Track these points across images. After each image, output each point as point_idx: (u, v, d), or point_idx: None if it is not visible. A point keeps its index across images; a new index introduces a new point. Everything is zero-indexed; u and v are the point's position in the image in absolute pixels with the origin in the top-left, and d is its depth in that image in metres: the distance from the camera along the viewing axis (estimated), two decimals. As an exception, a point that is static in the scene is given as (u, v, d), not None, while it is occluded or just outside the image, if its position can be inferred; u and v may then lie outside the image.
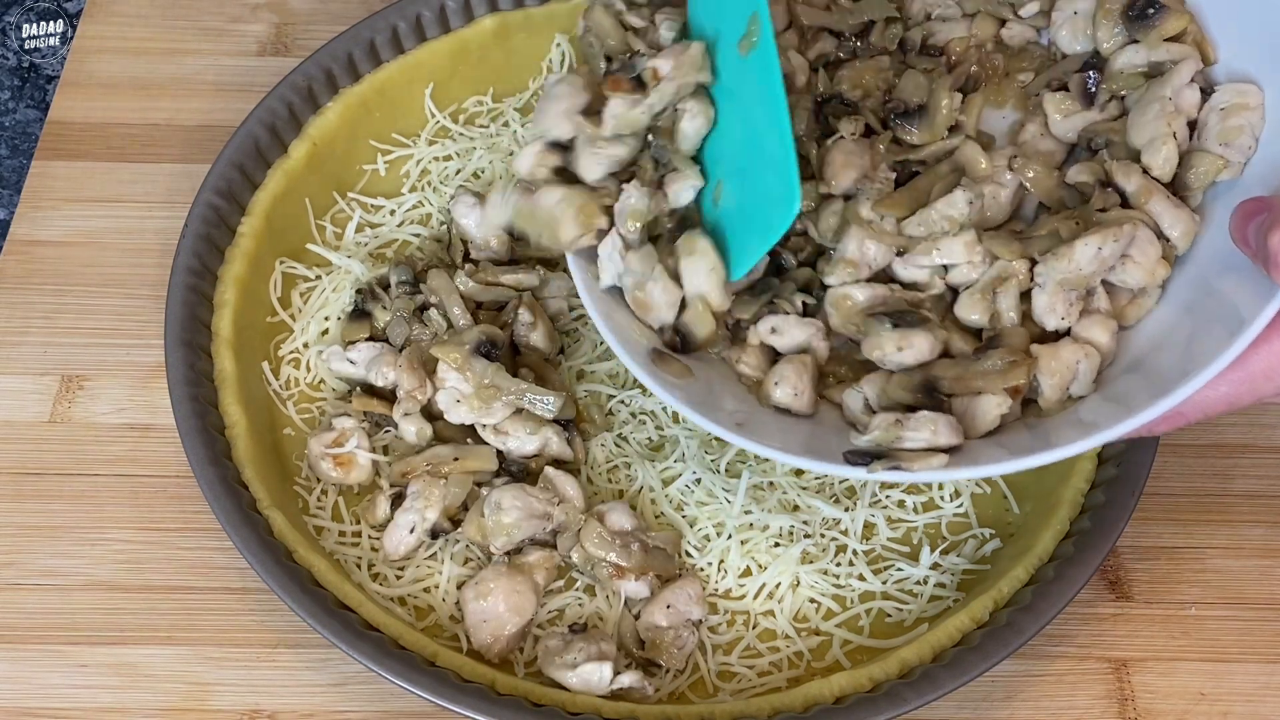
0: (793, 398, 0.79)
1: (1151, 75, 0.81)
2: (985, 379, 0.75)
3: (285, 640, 0.88)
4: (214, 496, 0.85)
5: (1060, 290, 0.76)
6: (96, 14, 1.19)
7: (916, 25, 0.90)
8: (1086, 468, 0.90)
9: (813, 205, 0.82)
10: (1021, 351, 0.76)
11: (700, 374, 0.81)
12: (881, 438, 0.74)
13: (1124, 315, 0.78)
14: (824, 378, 0.81)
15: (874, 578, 0.89)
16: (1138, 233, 0.75)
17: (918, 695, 0.80)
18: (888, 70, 0.87)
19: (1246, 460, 0.98)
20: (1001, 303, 0.78)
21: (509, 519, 0.86)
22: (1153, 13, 0.80)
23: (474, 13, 1.10)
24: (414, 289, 0.97)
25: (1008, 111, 0.87)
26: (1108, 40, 0.83)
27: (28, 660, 0.87)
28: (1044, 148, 0.84)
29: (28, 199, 1.07)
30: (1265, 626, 0.91)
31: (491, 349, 0.91)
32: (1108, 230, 0.75)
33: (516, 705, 0.79)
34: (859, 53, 0.90)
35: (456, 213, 0.99)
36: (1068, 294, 0.76)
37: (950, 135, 0.84)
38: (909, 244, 0.80)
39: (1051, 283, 0.76)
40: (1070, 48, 0.85)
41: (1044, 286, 0.77)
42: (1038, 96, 0.85)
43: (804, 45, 0.90)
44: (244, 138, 1.01)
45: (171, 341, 0.91)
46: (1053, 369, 0.75)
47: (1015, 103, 0.87)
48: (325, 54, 1.05)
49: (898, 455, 0.73)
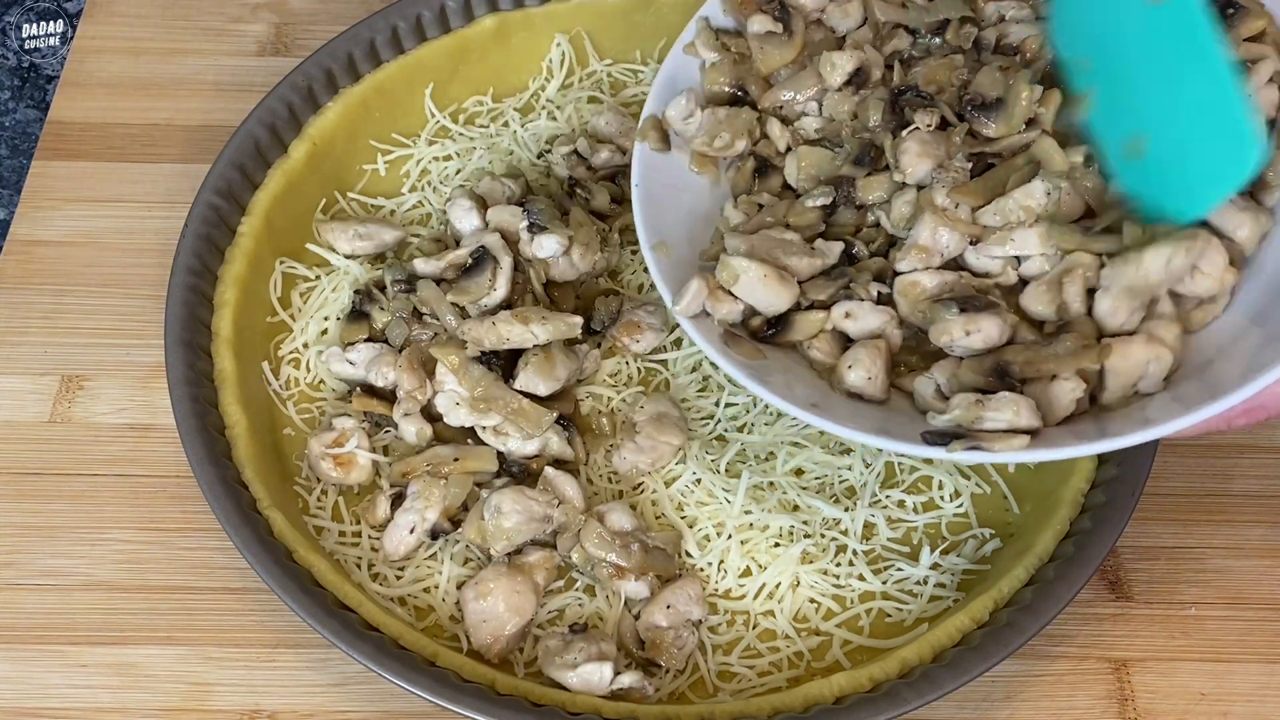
0: (866, 381, 0.79)
1: None
2: (1058, 362, 0.75)
3: (285, 640, 0.88)
4: (214, 496, 0.85)
5: (1125, 295, 0.76)
6: (96, 14, 1.20)
7: (990, 26, 0.90)
8: (1086, 467, 0.90)
9: (884, 198, 0.83)
10: (1093, 339, 0.76)
11: (772, 357, 0.82)
12: (961, 417, 0.74)
13: (1190, 320, 0.77)
14: (894, 367, 0.82)
15: (874, 578, 0.89)
16: (1208, 245, 0.75)
17: (918, 695, 0.80)
18: (962, 68, 0.88)
19: (1246, 460, 0.98)
20: (1068, 292, 0.78)
21: (509, 523, 0.86)
22: (1232, 13, 0.80)
23: (474, 13, 1.10)
24: (410, 288, 0.97)
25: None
26: None
27: (28, 660, 0.87)
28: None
29: (28, 199, 1.07)
30: (1265, 626, 0.91)
31: (491, 356, 0.91)
32: (1180, 243, 0.74)
33: (516, 705, 0.79)
34: (933, 50, 0.90)
35: (453, 215, 0.99)
36: (1131, 300, 0.76)
37: (1027, 129, 0.84)
38: (983, 233, 0.81)
39: (1117, 286, 0.76)
40: None
41: (1109, 289, 0.76)
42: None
43: (879, 41, 0.91)
44: (244, 138, 1.01)
45: (171, 341, 0.91)
46: (1122, 367, 0.75)
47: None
48: (325, 54, 1.05)
49: (977, 436, 0.72)
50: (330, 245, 1.01)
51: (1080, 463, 0.90)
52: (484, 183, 1.03)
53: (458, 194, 1.00)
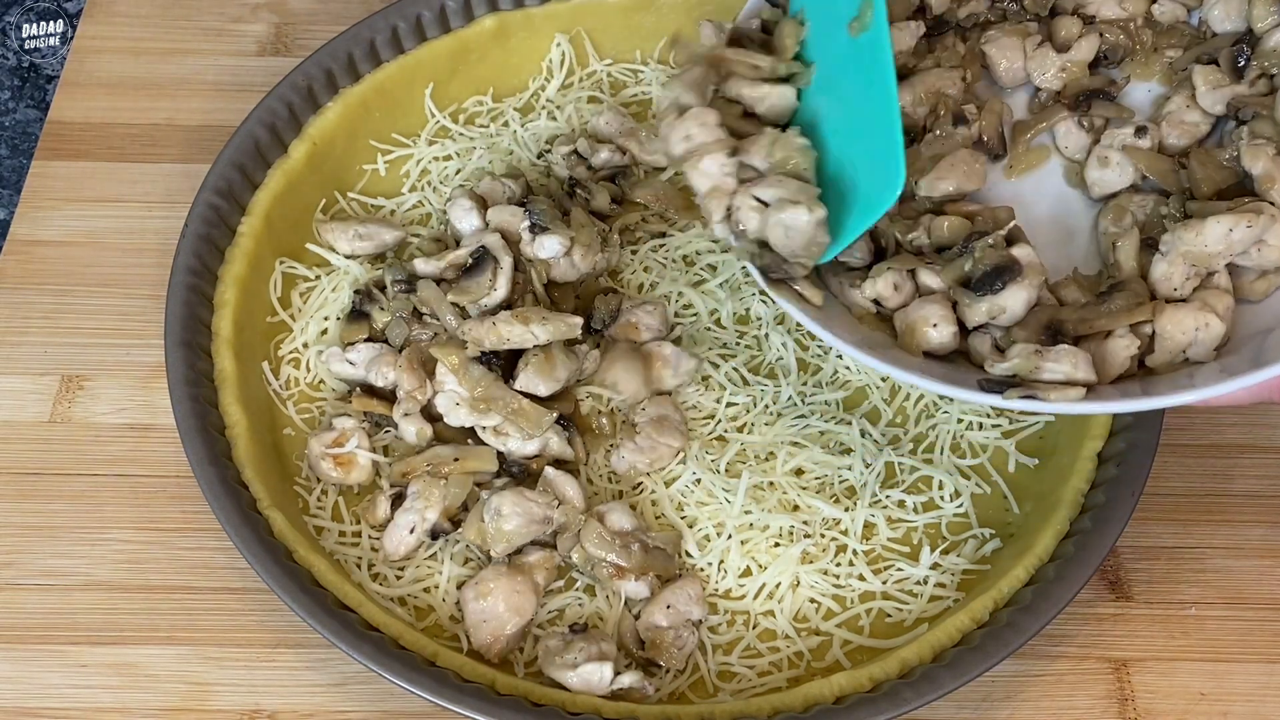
0: (951, 336, 0.79)
1: None
2: (1111, 317, 0.75)
3: (285, 640, 0.88)
4: (214, 496, 0.85)
5: (1181, 261, 0.76)
6: (96, 14, 1.20)
7: None
8: (1086, 468, 0.90)
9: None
10: (1145, 297, 0.77)
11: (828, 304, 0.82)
12: (1020, 365, 0.74)
13: (1252, 290, 0.77)
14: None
15: (874, 578, 0.89)
16: (1276, 223, 0.75)
17: (918, 695, 0.80)
18: (1035, 35, 0.89)
19: (1246, 460, 0.98)
20: (1122, 252, 0.78)
21: (509, 525, 0.86)
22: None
23: (474, 13, 1.10)
24: (410, 288, 0.97)
25: (1154, 85, 0.89)
26: (1263, 19, 0.84)
27: (28, 660, 0.87)
28: (1189, 119, 0.85)
29: (28, 199, 1.07)
30: (1265, 626, 0.91)
31: (491, 356, 0.91)
32: (1243, 214, 0.74)
33: (516, 705, 0.79)
34: (1009, 15, 0.91)
35: (453, 215, 0.99)
36: (1187, 267, 0.76)
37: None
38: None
39: (1175, 252, 0.76)
40: (1222, 26, 0.87)
41: (1166, 254, 0.76)
42: (1185, 71, 0.86)
43: (957, 3, 0.92)
44: (244, 138, 1.01)
45: (171, 341, 0.91)
46: (1171, 331, 0.75)
47: (1161, 77, 0.88)
48: (325, 54, 1.05)
49: (1034, 386, 0.73)
50: (330, 245, 1.01)
51: (1080, 463, 0.90)
52: (484, 183, 1.03)
53: (458, 194, 1.00)
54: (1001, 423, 0.96)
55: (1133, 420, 0.90)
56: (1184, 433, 0.98)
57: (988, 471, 0.95)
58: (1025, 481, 0.94)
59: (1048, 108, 0.89)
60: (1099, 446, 0.91)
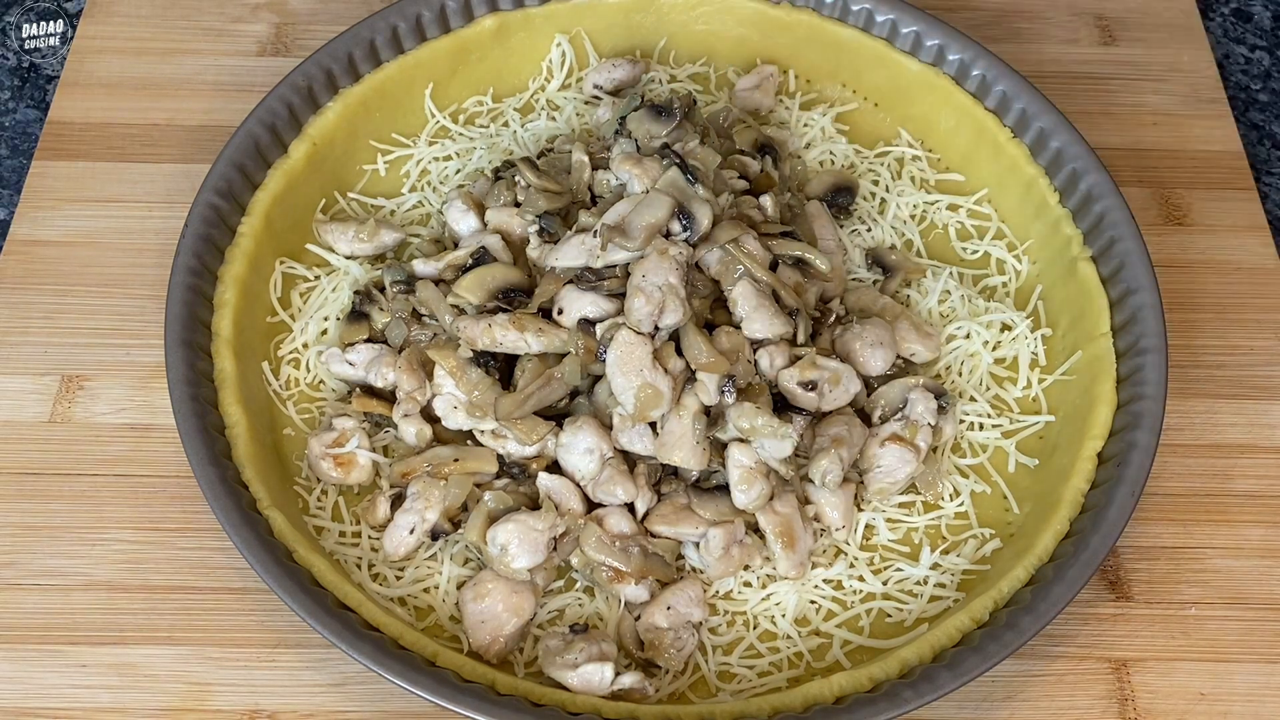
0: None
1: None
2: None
3: (285, 640, 0.88)
4: (214, 496, 0.85)
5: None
6: (96, 14, 1.20)
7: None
8: (1086, 468, 0.90)
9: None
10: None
11: None
12: None
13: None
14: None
15: (874, 578, 0.89)
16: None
17: (918, 695, 0.80)
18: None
19: (1246, 460, 0.98)
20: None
21: (519, 564, 0.85)
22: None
23: (474, 13, 1.10)
24: (409, 289, 0.97)
25: None
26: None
27: (28, 660, 0.87)
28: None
29: (28, 199, 1.07)
30: (1265, 626, 0.91)
31: (488, 358, 0.91)
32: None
33: (516, 705, 0.79)
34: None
35: (449, 217, 0.99)
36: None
37: None
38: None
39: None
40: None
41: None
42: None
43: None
44: (244, 138, 1.01)
45: (171, 341, 0.91)
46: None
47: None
48: (325, 54, 1.05)
49: None
50: (330, 246, 1.01)
51: (1080, 463, 0.90)
52: (482, 183, 1.03)
53: (453, 196, 1.00)
54: (1002, 423, 0.96)
55: (1133, 420, 0.90)
56: (1184, 433, 0.98)
57: (988, 471, 0.95)
58: (1025, 481, 0.94)
59: None
60: (1099, 446, 0.91)
